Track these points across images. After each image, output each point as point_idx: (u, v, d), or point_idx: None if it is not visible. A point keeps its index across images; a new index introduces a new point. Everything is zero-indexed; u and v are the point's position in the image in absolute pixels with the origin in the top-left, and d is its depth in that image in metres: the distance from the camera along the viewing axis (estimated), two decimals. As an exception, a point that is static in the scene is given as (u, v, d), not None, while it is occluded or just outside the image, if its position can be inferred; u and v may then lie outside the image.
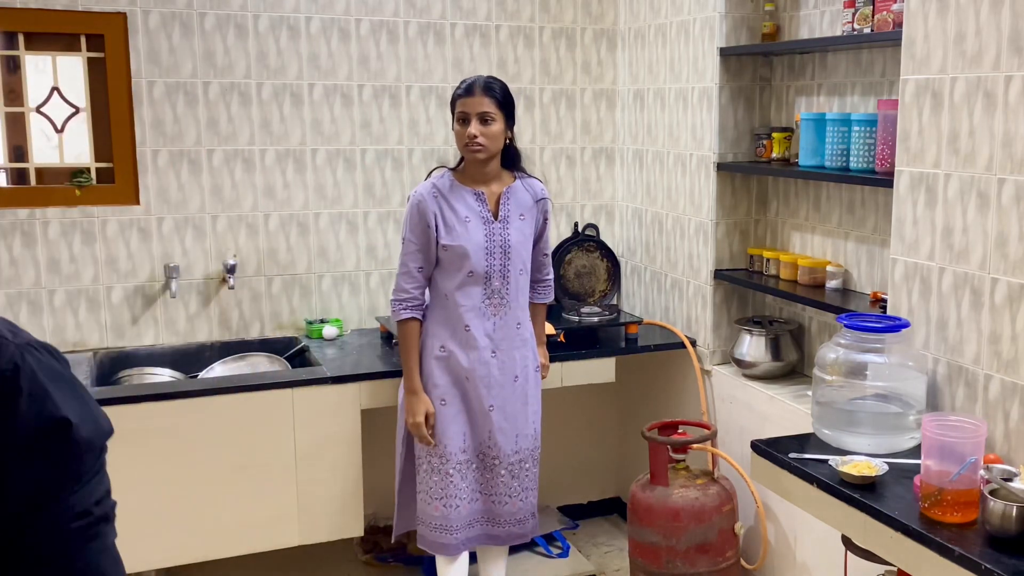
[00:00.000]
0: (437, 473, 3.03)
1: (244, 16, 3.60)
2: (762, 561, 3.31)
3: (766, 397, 3.26)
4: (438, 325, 3.01)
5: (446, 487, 3.03)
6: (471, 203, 2.98)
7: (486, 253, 2.96)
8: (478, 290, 2.98)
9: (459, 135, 2.96)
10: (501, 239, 2.99)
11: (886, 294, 2.77)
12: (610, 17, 4.13)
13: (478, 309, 2.99)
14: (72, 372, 1.08)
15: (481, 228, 2.97)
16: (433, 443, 3.01)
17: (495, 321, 3.01)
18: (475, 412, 3.04)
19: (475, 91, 2.93)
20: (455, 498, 3.04)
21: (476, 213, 2.97)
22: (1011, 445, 2.33)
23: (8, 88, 3.47)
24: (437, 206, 2.95)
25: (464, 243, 2.94)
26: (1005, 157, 2.29)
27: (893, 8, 2.74)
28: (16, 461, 0.99)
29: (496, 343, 3.02)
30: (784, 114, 3.48)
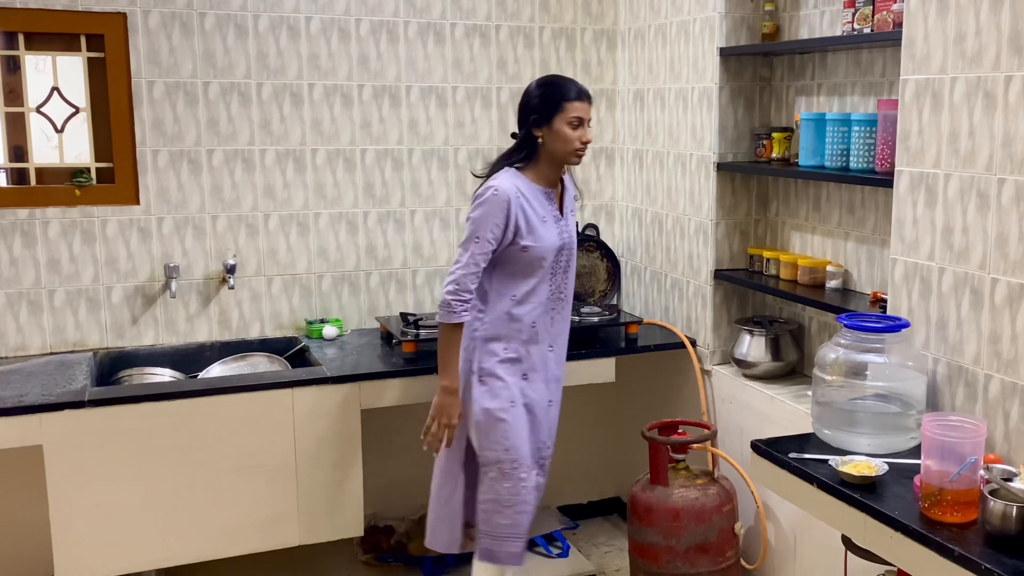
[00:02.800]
0: (508, 479, 2.94)
1: (244, 16, 3.60)
2: (762, 561, 3.31)
3: (766, 397, 3.26)
4: (503, 326, 2.94)
5: (517, 492, 2.95)
6: (544, 203, 2.95)
7: (556, 252, 2.96)
8: (546, 287, 2.97)
9: (569, 138, 2.90)
10: (568, 237, 3.01)
11: (886, 294, 2.77)
12: (610, 17, 4.13)
13: (544, 306, 2.98)
14: None
15: (554, 228, 2.96)
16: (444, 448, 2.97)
17: (554, 316, 3.01)
18: (537, 411, 3.00)
19: (586, 97, 2.93)
20: (525, 503, 2.97)
21: (550, 213, 2.95)
22: (1011, 445, 2.33)
23: (8, 88, 3.47)
24: (520, 207, 2.88)
25: (545, 243, 2.92)
26: (1005, 157, 2.29)
27: (893, 8, 2.74)
28: None
29: (553, 338, 3.02)
30: (784, 114, 3.48)
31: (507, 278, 2.94)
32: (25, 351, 3.49)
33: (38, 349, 3.50)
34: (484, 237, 2.86)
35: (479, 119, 3.98)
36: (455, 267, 2.88)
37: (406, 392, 3.38)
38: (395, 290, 3.95)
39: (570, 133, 2.90)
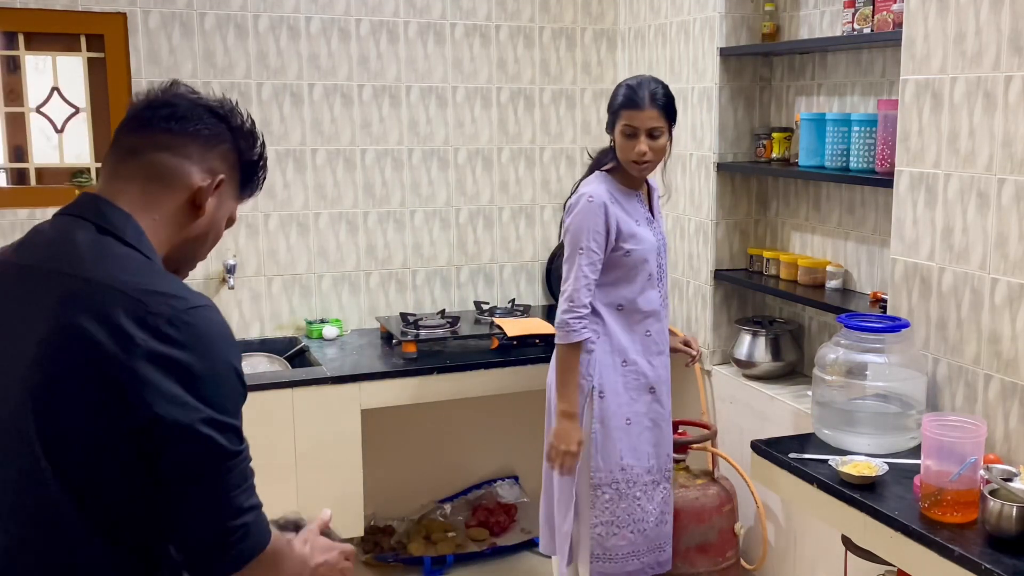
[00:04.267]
0: (624, 499, 2.86)
1: (244, 16, 3.60)
2: (762, 561, 3.31)
3: (766, 397, 3.26)
4: (618, 337, 2.84)
5: (633, 511, 2.87)
6: (636, 206, 2.87)
7: (656, 254, 2.88)
8: (655, 293, 2.88)
9: (624, 148, 2.78)
10: (662, 238, 2.94)
11: (886, 294, 2.77)
12: (610, 17, 4.13)
13: (657, 313, 2.90)
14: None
15: (648, 230, 2.87)
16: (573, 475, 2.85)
17: (664, 323, 2.95)
18: (661, 424, 2.93)
19: (644, 103, 2.74)
20: (642, 521, 2.89)
21: (642, 215, 2.87)
22: (1011, 445, 2.33)
23: (8, 88, 3.47)
24: (615, 211, 2.79)
25: (645, 245, 2.83)
26: (1005, 157, 2.29)
27: (893, 8, 2.74)
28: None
29: (662, 345, 2.94)
30: (784, 114, 3.48)
31: (617, 285, 2.83)
32: (25, 351, 3.48)
33: (38, 349, 3.50)
34: (588, 247, 2.75)
35: (479, 119, 3.98)
36: (565, 285, 2.77)
37: (406, 392, 3.38)
38: (395, 290, 3.95)
39: (623, 142, 2.78)
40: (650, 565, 2.95)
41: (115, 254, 1.28)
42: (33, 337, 1.22)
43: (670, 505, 3.00)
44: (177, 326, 1.22)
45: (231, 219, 1.48)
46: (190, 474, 1.22)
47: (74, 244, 1.28)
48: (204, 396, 1.22)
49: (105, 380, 1.19)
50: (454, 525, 3.95)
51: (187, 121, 1.37)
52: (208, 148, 1.39)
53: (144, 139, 1.37)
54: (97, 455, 1.21)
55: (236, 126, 1.43)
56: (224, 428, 1.24)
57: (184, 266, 1.44)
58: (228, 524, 1.25)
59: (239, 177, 1.46)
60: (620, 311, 2.86)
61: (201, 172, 1.38)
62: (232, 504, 1.26)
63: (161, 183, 1.35)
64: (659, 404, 2.93)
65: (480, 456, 4.13)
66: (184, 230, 1.38)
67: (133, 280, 1.24)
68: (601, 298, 2.84)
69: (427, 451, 4.02)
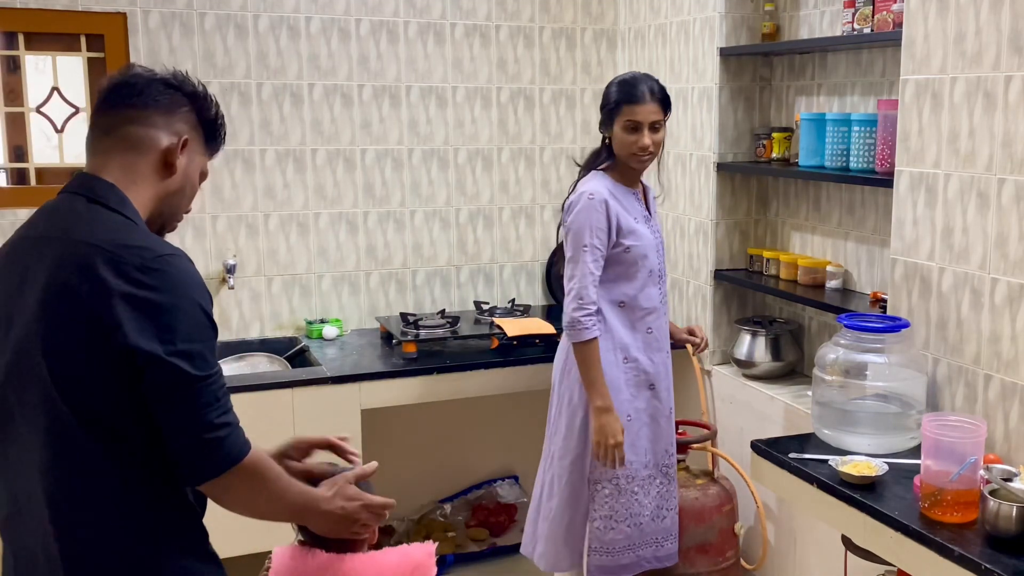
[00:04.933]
0: (624, 494, 2.89)
1: (244, 16, 3.60)
2: (762, 561, 3.31)
3: (766, 397, 3.26)
4: (619, 333, 2.87)
5: (631, 506, 2.90)
6: (634, 203, 2.90)
7: (655, 251, 2.91)
8: (655, 290, 2.91)
9: (626, 143, 2.81)
10: (659, 237, 2.97)
11: (886, 294, 2.77)
12: (610, 17, 4.13)
13: (658, 310, 2.93)
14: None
15: (646, 227, 2.91)
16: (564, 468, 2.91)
17: (665, 320, 2.98)
18: (659, 419, 2.95)
19: (645, 98, 2.79)
20: (639, 516, 2.92)
21: (640, 213, 2.91)
22: (1011, 445, 2.33)
23: (8, 88, 3.47)
24: (615, 208, 2.82)
25: (645, 241, 2.86)
26: (1005, 157, 2.29)
27: (893, 8, 2.74)
28: None
29: (663, 342, 2.98)
30: (784, 114, 3.48)
31: (618, 283, 2.86)
32: (25, 351, 3.49)
33: (38, 349, 3.50)
34: (591, 244, 2.77)
35: (479, 119, 3.98)
36: (571, 283, 2.78)
37: (406, 392, 3.38)
38: (395, 290, 3.95)
39: (625, 137, 2.81)
40: (647, 559, 2.97)
41: (101, 218, 1.51)
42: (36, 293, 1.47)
43: (670, 500, 3.01)
44: (145, 271, 1.44)
45: (203, 173, 1.69)
46: (163, 395, 1.44)
47: (69, 213, 1.53)
48: (170, 328, 1.43)
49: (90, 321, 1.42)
50: (454, 525, 3.95)
51: (145, 95, 1.59)
52: (169, 114, 1.60)
53: (113, 117, 1.59)
54: (95, 385, 1.44)
55: (190, 92, 1.64)
56: (190, 355, 1.44)
57: (169, 220, 1.66)
58: (202, 437, 1.45)
59: (203, 135, 1.67)
60: (622, 308, 2.89)
61: (167, 135, 1.60)
62: (203, 420, 1.45)
63: (135, 151, 1.57)
64: (658, 400, 2.95)
65: (480, 456, 4.13)
66: (162, 186, 1.60)
67: (111, 237, 1.47)
68: (603, 295, 2.85)
69: (427, 451, 4.02)
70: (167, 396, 1.44)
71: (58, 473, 1.47)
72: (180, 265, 1.48)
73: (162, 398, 1.44)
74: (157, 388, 1.43)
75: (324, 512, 1.65)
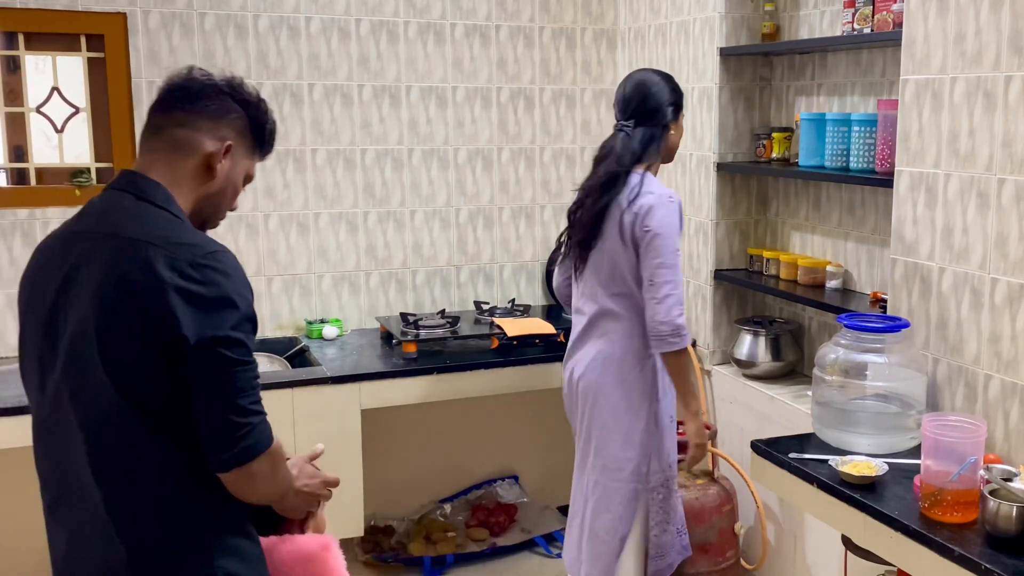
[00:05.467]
0: (672, 496, 2.93)
1: (244, 16, 3.60)
2: (762, 561, 3.31)
3: (766, 397, 3.26)
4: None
5: (676, 506, 2.97)
6: None
7: None
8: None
9: (680, 144, 2.94)
10: None
11: (886, 294, 2.77)
12: (610, 17, 4.13)
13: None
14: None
15: None
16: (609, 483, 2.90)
17: None
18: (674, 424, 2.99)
19: None
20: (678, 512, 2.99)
21: None
22: (1011, 445, 2.33)
23: (8, 88, 3.47)
24: None
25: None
26: (1005, 157, 2.29)
27: (893, 8, 2.74)
28: None
29: None
30: (784, 114, 3.48)
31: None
32: (25, 351, 3.48)
33: (38, 349, 3.50)
34: (678, 249, 2.75)
35: (479, 119, 3.98)
36: (672, 289, 2.70)
37: (406, 392, 3.38)
38: (395, 290, 3.95)
39: (680, 138, 2.93)
40: (678, 551, 2.99)
41: (150, 215, 1.61)
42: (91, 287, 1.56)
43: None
44: (196, 267, 1.55)
45: (249, 176, 1.79)
46: (204, 377, 1.54)
47: (118, 211, 1.63)
48: (217, 318, 1.54)
49: (145, 312, 1.52)
50: (454, 525, 3.95)
51: (196, 100, 1.70)
52: (216, 119, 1.70)
53: (164, 118, 1.70)
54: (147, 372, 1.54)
55: (241, 99, 1.74)
56: (230, 343, 1.55)
57: (211, 218, 1.76)
58: (235, 420, 1.56)
59: (250, 141, 1.76)
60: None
61: (212, 140, 1.69)
62: (237, 405, 1.56)
63: (179, 153, 1.67)
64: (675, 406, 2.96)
65: (480, 456, 4.13)
66: (203, 188, 1.70)
67: (163, 234, 1.58)
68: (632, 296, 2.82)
69: (427, 451, 4.02)
70: (207, 378, 1.54)
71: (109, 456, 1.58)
72: (228, 261, 1.60)
73: (201, 379, 1.54)
74: (199, 372, 1.54)
75: (296, 490, 1.78)
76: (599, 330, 2.87)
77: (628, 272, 2.78)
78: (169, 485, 1.58)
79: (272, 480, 1.64)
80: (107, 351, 1.55)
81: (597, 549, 2.90)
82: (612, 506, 2.87)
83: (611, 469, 2.86)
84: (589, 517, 2.92)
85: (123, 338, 1.54)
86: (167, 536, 1.59)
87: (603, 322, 2.86)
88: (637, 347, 2.82)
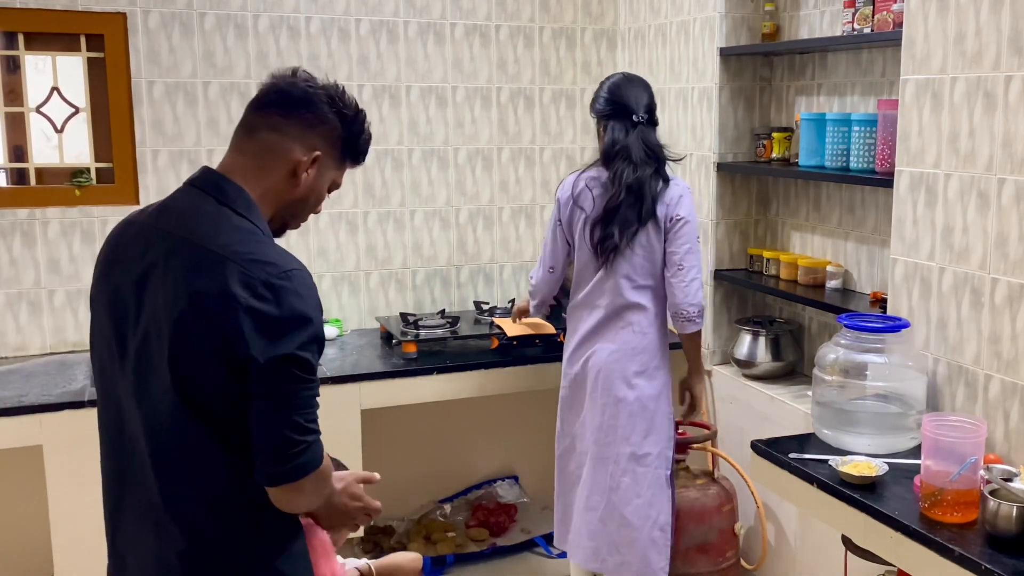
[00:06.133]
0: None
1: (244, 16, 3.60)
2: (762, 561, 3.31)
3: (766, 397, 3.26)
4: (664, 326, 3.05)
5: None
6: None
7: None
8: None
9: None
10: None
11: (886, 294, 2.77)
12: (610, 17, 4.13)
13: None
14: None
15: None
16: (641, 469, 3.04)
17: None
18: None
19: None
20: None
21: None
22: (1011, 445, 2.33)
23: (8, 88, 3.47)
24: None
25: None
26: (1005, 157, 2.29)
27: (893, 8, 2.74)
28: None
29: None
30: (784, 114, 3.48)
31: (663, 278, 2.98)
32: (25, 351, 3.49)
33: (38, 349, 3.50)
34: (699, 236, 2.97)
35: (479, 119, 3.98)
36: (697, 273, 2.92)
37: (406, 392, 3.38)
38: (395, 290, 3.95)
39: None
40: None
41: (230, 225, 1.62)
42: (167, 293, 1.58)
43: None
44: (270, 287, 1.55)
45: (335, 184, 1.80)
46: (265, 394, 1.55)
47: (198, 214, 1.63)
48: (285, 337, 1.55)
49: (216, 329, 1.53)
50: (454, 525, 3.95)
51: (292, 106, 1.73)
52: (309, 128, 1.71)
53: (260, 119, 1.72)
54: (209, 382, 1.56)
55: (337, 110, 1.76)
56: (296, 361, 1.55)
57: (291, 222, 1.77)
58: (291, 437, 1.56)
59: (339, 152, 1.76)
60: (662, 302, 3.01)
61: (301, 148, 1.70)
62: (295, 421, 1.56)
63: (267, 157, 1.69)
64: None
65: (480, 456, 4.13)
66: (287, 195, 1.71)
67: (242, 249, 1.58)
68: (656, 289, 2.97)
69: (427, 451, 4.02)
70: (269, 394, 1.55)
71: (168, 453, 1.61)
72: (302, 280, 1.60)
73: (263, 394, 1.55)
74: (262, 388, 1.55)
75: (332, 504, 1.78)
76: (622, 322, 2.97)
77: (658, 262, 2.94)
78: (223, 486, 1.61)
79: (315, 496, 1.66)
80: (176, 358, 1.56)
81: (630, 535, 2.95)
82: (642, 491, 2.95)
83: (639, 456, 2.95)
84: (619, 505, 2.97)
85: (193, 349, 1.55)
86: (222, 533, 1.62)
87: (627, 314, 2.97)
88: (661, 338, 3.00)
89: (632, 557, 2.96)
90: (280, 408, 1.56)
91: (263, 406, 1.55)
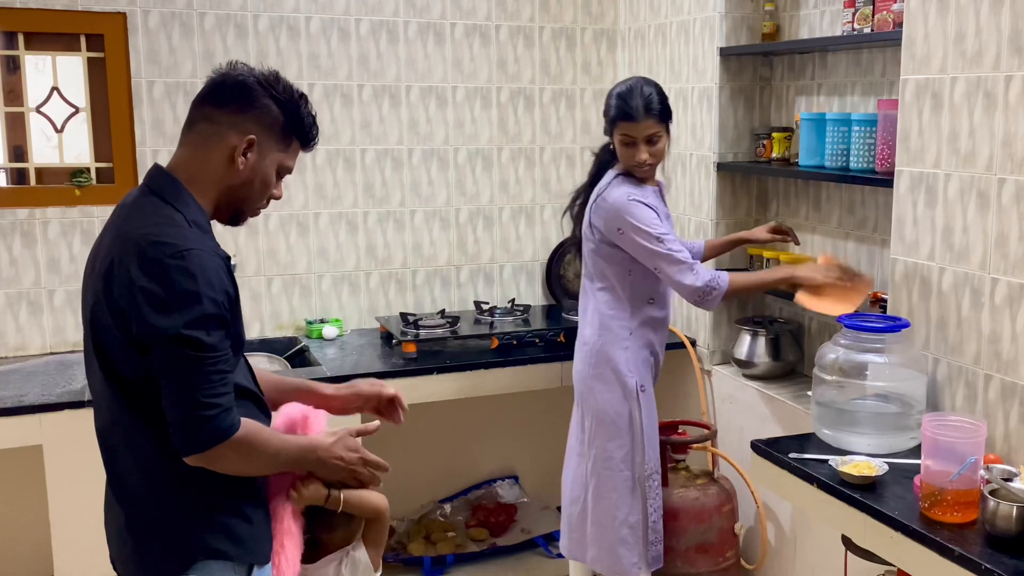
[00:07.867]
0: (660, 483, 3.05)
1: (244, 16, 3.60)
2: (762, 561, 3.31)
3: (766, 397, 3.26)
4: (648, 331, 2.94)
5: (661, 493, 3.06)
6: (658, 201, 2.92)
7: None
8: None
9: (624, 155, 2.84)
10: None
11: (886, 294, 2.77)
12: (610, 17, 4.13)
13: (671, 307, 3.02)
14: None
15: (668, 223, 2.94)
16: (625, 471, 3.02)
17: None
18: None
19: (639, 115, 2.77)
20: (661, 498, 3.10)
21: (663, 210, 2.94)
22: (1011, 445, 2.33)
23: (8, 88, 3.47)
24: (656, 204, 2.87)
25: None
26: (1005, 157, 2.29)
27: (893, 8, 2.74)
28: None
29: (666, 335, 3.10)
30: (784, 114, 3.48)
31: (645, 280, 2.88)
32: (25, 351, 3.49)
33: (38, 349, 3.50)
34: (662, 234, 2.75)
35: (479, 119, 3.98)
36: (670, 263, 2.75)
37: (406, 392, 3.34)
38: (395, 290, 3.95)
39: (623, 150, 2.84)
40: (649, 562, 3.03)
41: (148, 211, 1.71)
42: (93, 281, 1.72)
43: None
44: (161, 266, 1.63)
45: (285, 169, 1.85)
46: (163, 370, 1.65)
47: (132, 206, 1.76)
48: (170, 316, 1.62)
49: (117, 307, 1.66)
50: (454, 525, 3.95)
51: (223, 95, 1.79)
52: (240, 114, 1.77)
53: (197, 112, 1.80)
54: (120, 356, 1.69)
55: (271, 94, 1.81)
56: (189, 340, 1.63)
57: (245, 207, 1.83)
58: (192, 413, 1.64)
59: (278, 135, 1.81)
60: (651, 304, 2.93)
61: (235, 134, 1.76)
62: (194, 398, 1.64)
63: (205, 147, 1.77)
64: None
65: (480, 456, 4.13)
66: (228, 179, 1.78)
67: (147, 232, 1.67)
68: (637, 292, 2.89)
69: (427, 451, 4.02)
70: (167, 373, 1.65)
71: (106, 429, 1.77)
72: (196, 260, 1.65)
73: (163, 374, 1.65)
74: (159, 366, 1.65)
75: (320, 459, 1.84)
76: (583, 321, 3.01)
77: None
78: (154, 459, 1.71)
79: (244, 463, 1.73)
80: (97, 339, 1.71)
81: (599, 533, 2.98)
82: (608, 492, 2.95)
83: (602, 458, 2.95)
84: (591, 502, 3.00)
85: (106, 328, 1.69)
86: (155, 505, 1.73)
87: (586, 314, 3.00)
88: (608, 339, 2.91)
89: (603, 552, 2.99)
90: (177, 384, 1.64)
91: (165, 383, 1.65)
